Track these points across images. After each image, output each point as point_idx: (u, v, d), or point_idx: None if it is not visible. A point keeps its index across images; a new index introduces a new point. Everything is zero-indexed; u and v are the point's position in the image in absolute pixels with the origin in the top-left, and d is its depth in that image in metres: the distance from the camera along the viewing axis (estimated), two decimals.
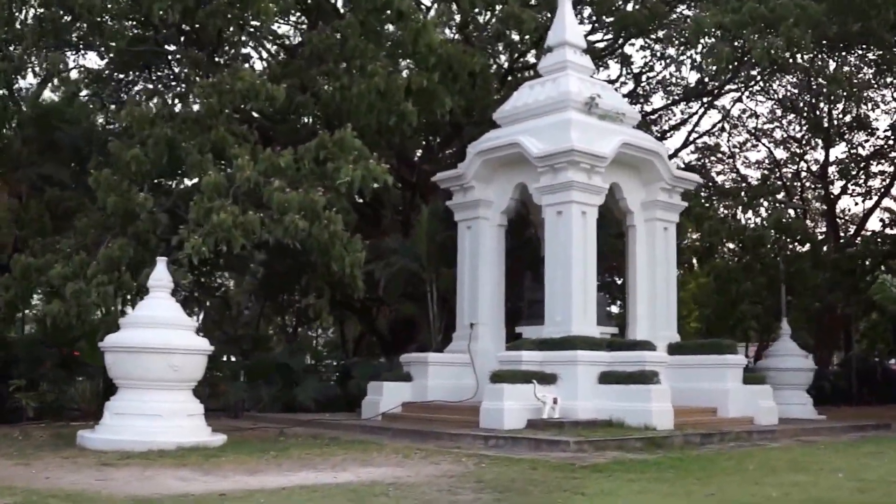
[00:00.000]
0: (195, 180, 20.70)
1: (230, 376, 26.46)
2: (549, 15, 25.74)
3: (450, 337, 23.40)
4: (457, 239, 23.43)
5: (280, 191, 18.44)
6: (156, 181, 20.89)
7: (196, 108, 20.44)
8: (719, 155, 42.34)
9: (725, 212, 27.80)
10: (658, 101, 37.30)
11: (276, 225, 18.40)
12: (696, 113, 37.64)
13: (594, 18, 31.98)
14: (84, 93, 26.60)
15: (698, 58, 31.79)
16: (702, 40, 28.58)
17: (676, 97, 36.75)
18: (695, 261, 32.01)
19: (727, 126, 41.27)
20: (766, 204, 29.31)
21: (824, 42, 30.91)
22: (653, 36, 33.48)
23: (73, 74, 26.23)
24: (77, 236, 20.75)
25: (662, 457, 14.74)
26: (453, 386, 21.50)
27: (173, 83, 24.40)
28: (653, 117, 37.65)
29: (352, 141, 19.65)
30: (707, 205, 28.03)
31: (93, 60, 29.55)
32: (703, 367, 20.94)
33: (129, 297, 20.03)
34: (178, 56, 24.13)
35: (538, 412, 18.32)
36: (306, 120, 25.56)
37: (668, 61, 34.59)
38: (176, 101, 21.01)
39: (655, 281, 22.30)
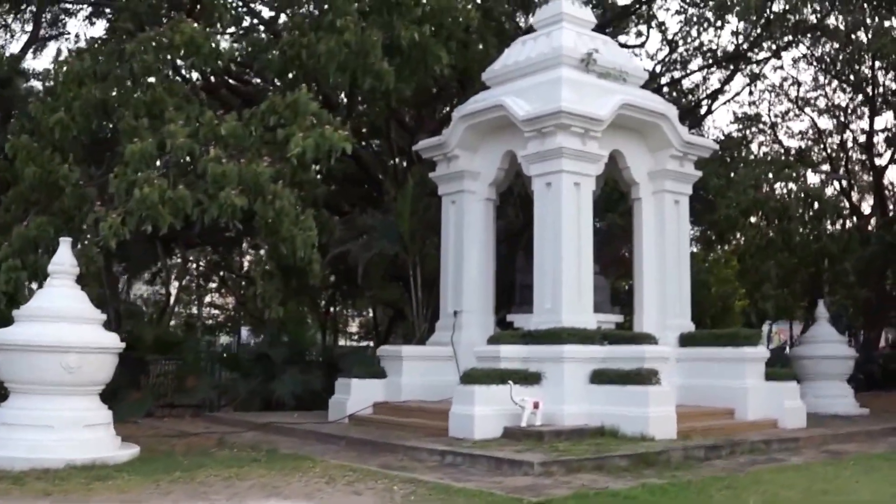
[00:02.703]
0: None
1: (200, 370, 24.04)
2: None
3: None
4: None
5: (216, 161, 15.86)
6: (88, 151, 18.34)
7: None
8: (760, 126, 39.48)
9: (746, 181, 24.75)
10: (695, 68, 34.49)
11: (211, 201, 15.84)
12: (731, 78, 34.88)
13: None
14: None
15: (733, 20, 29.36)
16: None
17: (711, 60, 33.73)
18: (713, 237, 29.07)
19: (768, 95, 38.66)
20: (795, 175, 26.27)
21: (866, 5, 28.09)
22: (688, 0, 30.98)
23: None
24: (1, 213, 18.34)
25: (640, 486, 11.90)
26: (433, 383, 18.79)
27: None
28: (689, 86, 35.13)
29: (307, 104, 17.04)
30: (731, 175, 25.01)
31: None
32: (719, 362, 18.23)
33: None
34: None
35: (517, 418, 15.66)
36: (278, 82, 22.88)
37: (704, 25, 31.72)
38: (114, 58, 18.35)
39: (665, 261, 19.44)
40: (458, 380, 17.71)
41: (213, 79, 24.13)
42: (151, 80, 17.78)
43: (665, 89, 31.70)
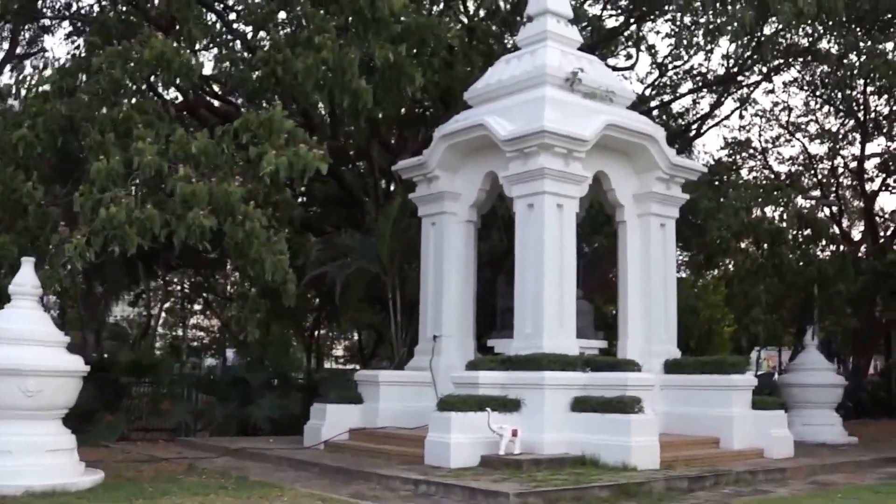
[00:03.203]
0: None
1: (175, 394, 23.50)
2: None
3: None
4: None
5: (185, 180, 15.33)
6: (55, 169, 17.86)
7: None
8: (751, 151, 39.17)
9: (737, 203, 24.33)
10: (684, 92, 34.16)
11: (179, 222, 15.30)
12: (720, 102, 34.59)
13: None
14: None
15: (724, 42, 29.12)
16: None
17: (700, 84, 33.39)
18: (702, 262, 28.66)
19: (758, 120, 38.37)
20: (785, 200, 25.90)
21: (858, 29, 27.85)
22: (678, 22, 30.64)
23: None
24: None
25: None
26: (411, 409, 18.23)
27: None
28: (679, 109, 34.85)
29: (281, 122, 16.51)
30: (721, 199, 24.58)
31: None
32: (705, 389, 17.75)
33: None
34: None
35: (495, 446, 15.16)
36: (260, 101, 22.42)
37: (695, 48, 31.39)
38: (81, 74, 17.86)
39: (651, 286, 18.98)
40: (435, 406, 17.26)
41: (192, 96, 23.64)
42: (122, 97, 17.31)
43: (655, 112, 31.35)
